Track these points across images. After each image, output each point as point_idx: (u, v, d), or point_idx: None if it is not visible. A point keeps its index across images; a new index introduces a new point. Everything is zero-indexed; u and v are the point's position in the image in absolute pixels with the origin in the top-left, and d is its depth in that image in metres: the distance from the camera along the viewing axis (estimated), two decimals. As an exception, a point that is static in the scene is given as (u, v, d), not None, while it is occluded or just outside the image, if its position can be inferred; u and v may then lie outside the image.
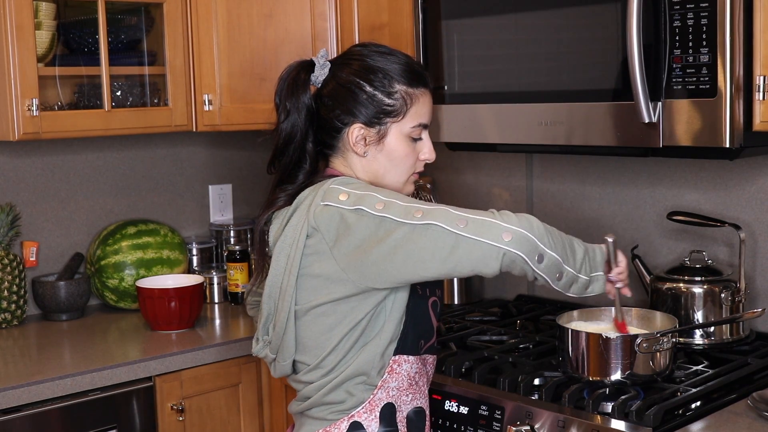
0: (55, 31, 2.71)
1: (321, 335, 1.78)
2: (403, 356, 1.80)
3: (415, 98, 1.80)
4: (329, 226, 1.70)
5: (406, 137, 1.81)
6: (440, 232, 1.62)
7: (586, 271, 1.75)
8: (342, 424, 1.79)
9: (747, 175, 2.38)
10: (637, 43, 1.97)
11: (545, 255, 1.65)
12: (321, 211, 1.71)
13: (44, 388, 2.29)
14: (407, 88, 1.80)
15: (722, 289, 2.26)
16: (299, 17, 2.75)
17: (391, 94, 1.79)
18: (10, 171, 2.91)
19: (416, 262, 1.64)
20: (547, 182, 2.79)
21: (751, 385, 2.05)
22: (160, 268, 2.95)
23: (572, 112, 2.17)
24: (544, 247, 1.65)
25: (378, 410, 1.79)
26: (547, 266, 1.67)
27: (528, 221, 1.65)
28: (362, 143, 1.80)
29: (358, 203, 1.68)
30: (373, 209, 1.67)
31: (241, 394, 2.64)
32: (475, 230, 1.62)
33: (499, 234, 1.62)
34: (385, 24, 2.62)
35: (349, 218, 1.68)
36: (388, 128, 1.80)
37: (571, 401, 1.96)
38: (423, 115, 1.82)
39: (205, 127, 2.88)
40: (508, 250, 1.62)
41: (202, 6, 2.81)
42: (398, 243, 1.64)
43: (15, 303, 2.79)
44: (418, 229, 1.63)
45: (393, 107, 1.79)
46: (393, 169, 1.82)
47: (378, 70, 1.79)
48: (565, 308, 2.39)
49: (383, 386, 1.79)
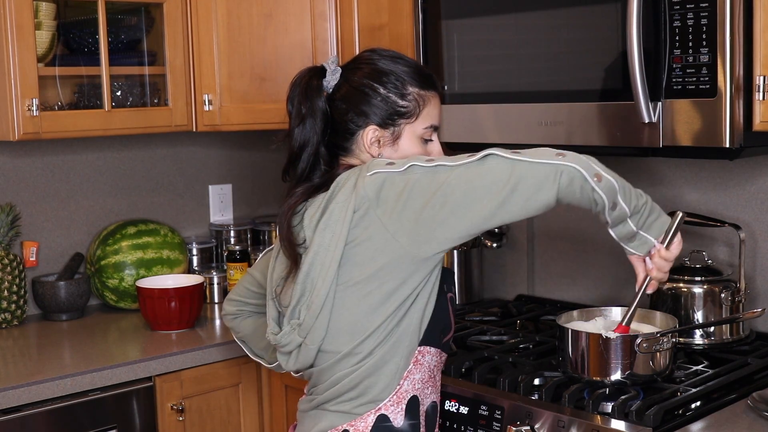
0: (55, 31, 2.71)
1: (363, 317, 1.73)
2: (427, 347, 1.79)
3: (427, 100, 1.83)
4: (379, 191, 1.69)
5: (419, 139, 1.83)
6: (497, 161, 1.64)
7: (638, 222, 1.72)
8: (368, 418, 1.76)
9: (747, 175, 2.38)
10: (637, 43, 1.97)
11: (602, 177, 1.65)
12: (370, 179, 1.70)
13: (44, 388, 2.29)
14: (419, 90, 1.82)
15: (722, 289, 2.26)
16: (299, 17, 2.75)
17: (404, 95, 1.81)
18: (10, 171, 2.91)
19: (472, 200, 1.63)
20: (547, 182, 2.79)
21: (751, 385, 2.05)
22: (160, 268, 2.95)
23: (572, 112, 2.17)
24: (599, 169, 1.66)
25: (404, 402, 1.77)
26: (605, 187, 1.65)
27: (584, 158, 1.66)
28: (377, 145, 1.81)
29: (405, 163, 1.69)
30: (424, 162, 1.68)
31: (241, 394, 2.64)
32: (531, 154, 1.64)
33: (553, 155, 1.64)
34: (385, 24, 2.62)
35: (400, 180, 1.68)
36: (402, 129, 1.81)
37: (571, 401, 1.96)
38: (434, 117, 1.84)
39: (205, 127, 2.88)
40: (565, 165, 1.63)
41: (202, 6, 2.81)
42: (456, 182, 1.64)
43: (15, 303, 2.79)
44: (474, 164, 1.65)
45: (406, 108, 1.81)
46: None
47: (390, 73, 1.81)
48: (565, 308, 2.39)
49: (409, 377, 1.77)
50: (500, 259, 2.95)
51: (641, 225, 1.73)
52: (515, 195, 1.63)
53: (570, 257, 2.75)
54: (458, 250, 2.81)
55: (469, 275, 2.89)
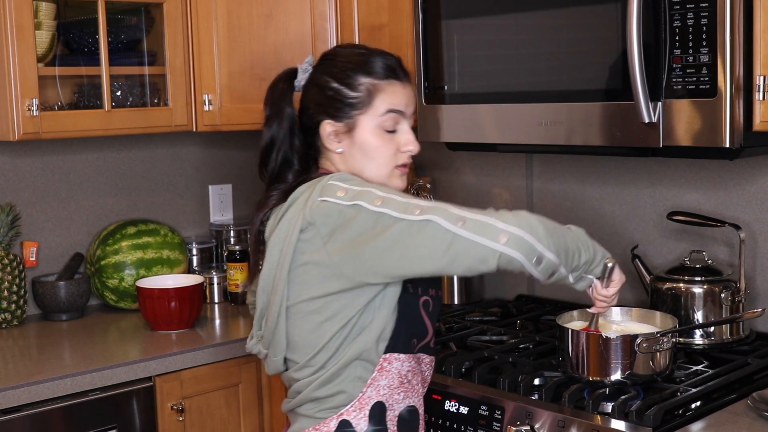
0: (55, 31, 2.71)
1: (311, 333, 1.78)
2: (394, 354, 1.80)
3: (380, 89, 1.82)
4: (326, 220, 1.71)
5: (378, 128, 1.82)
6: (438, 229, 1.63)
7: (578, 275, 1.77)
8: (331, 423, 1.80)
9: (747, 175, 2.38)
10: (637, 43, 1.97)
11: (543, 258, 1.66)
12: (318, 206, 1.72)
13: (44, 388, 2.29)
14: (372, 80, 1.82)
15: (722, 289, 2.26)
16: (299, 17, 2.75)
17: (354, 87, 1.82)
18: (10, 171, 2.91)
19: (413, 258, 1.65)
20: (547, 182, 2.79)
21: (751, 385, 2.05)
22: (160, 268, 2.95)
23: (572, 112, 2.17)
24: (542, 250, 1.65)
25: (368, 409, 1.79)
26: (544, 268, 1.68)
27: (528, 223, 1.65)
28: (334, 138, 1.84)
29: (355, 198, 1.69)
30: (371, 204, 1.68)
31: (241, 394, 2.64)
32: (473, 229, 1.63)
33: (496, 235, 1.62)
34: (385, 24, 2.62)
35: (347, 213, 1.69)
36: (356, 121, 1.82)
37: (571, 401, 1.96)
38: (392, 104, 1.83)
39: (205, 127, 2.88)
40: (504, 251, 1.62)
41: (202, 6, 2.81)
42: (395, 238, 1.65)
43: (15, 303, 2.79)
44: (416, 225, 1.64)
45: (357, 99, 1.81)
46: (369, 163, 1.83)
47: (344, 67, 1.83)
48: (565, 308, 2.39)
49: (373, 384, 1.79)
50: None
51: (579, 276, 1.79)
52: (454, 265, 1.65)
53: (570, 257, 2.75)
54: (458, 250, 2.81)
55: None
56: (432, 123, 2.46)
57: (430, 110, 2.46)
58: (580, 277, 1.78)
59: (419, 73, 2.47)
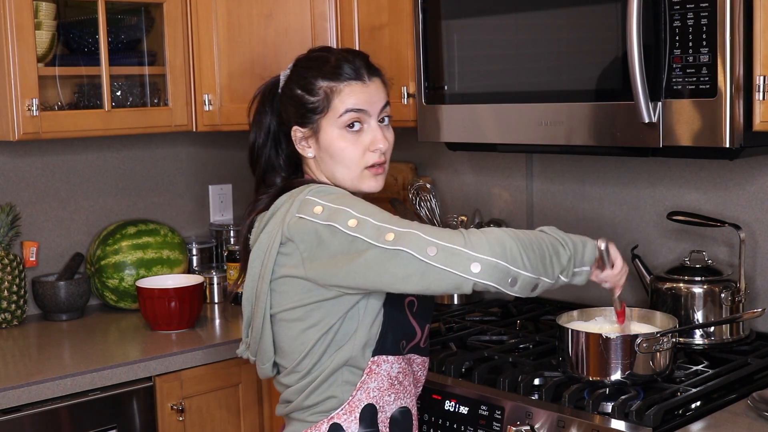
0: (55, 31, 2.71)
1: (295, 339, 1.80)
2: (383, 356, 1.80)
3: (337, 91, 1.81)
4: (303, 238, 1.72)
5: (341, 130, 1.82)
6: (410, 259, 1.63)
7: (568, 273, 1.75)
8: (322, 426, 1.80)
9: (747, 175, 2.38)
10: (637, 43, 1.97)
11: (519, 277, 1.65)
12: (295, 223, 1.72)
13: (44, 388, 2.29)
14: (329, 83, 1.82)
15: (722, 289, 2.26)
16: (299, 17, 2.75)
17: (313, 92, 1.82)
18: (10, 171, 2.91)
19: (388, 282, 1.66)
20: (547, 182, 2.79)
21: (751, 385, 2.05)
22: (160, 268, 2.95)
23: (572, 112, 2.17)
24: (517, 270, 1.64)
25: (358, 411, 1.80)
26: (521, 286, 1.67)
27: (500, 244, 1.64)
28: (303, 144, 1.85)
29: (331, 219, 1.69)
30: (346, 227, 1.68)
31: (241, 394, 2.64)
32: (444, 260, 1.62)
33: (468, 266, 1.62)
34: (385, 24, 2.62)
35: (322, 233, 1.70)
36: (318, 125, 1.83)
37: (571, 401, 1.96)
38: (350, 103, 1.81)
39: (205, 127, 2.88)
40: (477, 281, 1.62)
41: (202, 6, 2.81)
42: (369, 264, 1.66)
43: (15, 303, 2.79)
44: (389, 253, 1.64)
45: (316, 104, 1.82)
46: (338, 165, 1.83)
47: (305, 73, 1.84)
48: (565, 308, 2.39)
49: (362, 387, 1.80)
50: (500, 259, 2.94)
51: (574, 267, 1.76)
52: (429, 291, 1.66)
53: (570, 257, 2.75)
54: (458, 250, 2.81)
55: (469, 275, 2.89)
56: (432, 123, 2.46)
57: (430, 110, 2.46)
58: (572, 274, 1.76)
59: (419, 73, 2.47)
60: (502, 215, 2.90)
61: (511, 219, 2.87)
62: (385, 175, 1.87)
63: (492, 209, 2.92)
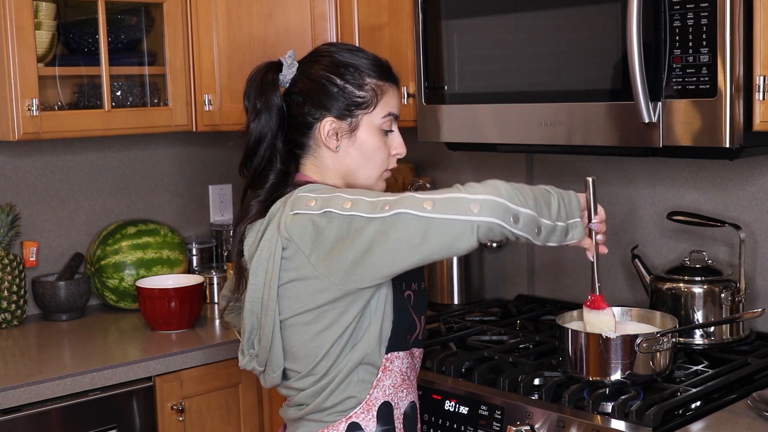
0: (55, 31, 2.71)
1: (309, 343, 1.77)
2: (395, 353, 1.80)
3: (384, 90, 1.83)
4: (302, 234, 1.69)
5: (378, 130, 1.82)
6: (410, 218, 1.61)
7: (563, 218, 1.71)
8: (340, 426, 1.79)
9: (747, 175, 2.38)
10: (637, 43, 1.97)
11: (520, 214, 1.63)
12: (291, 220, 1.71)
13: (44, 388, 2.29)
14: (377, 80, 1.82)
15: (722, 289, 2.26)
16: (299, 17, 2.75)
17: (362, 86, 1.81)
18: (10, 171, 2.91)
19: (393, 254, 1.63)
20: (547, 182, 2.78)
21: (751, 385, 2.05)
22: (160, 268, 2.95)
23: (572, 112, 2.17)
24: (516, 207, 1.62)
25: (375, 410, 1.79)
26: (524, 224, 1.64)
27: (494, 186, 1.63)
28: (334, 137, 1.82)
29: (325, 206, 1.68)
30: (341, 209, 1.66)
31: (241, 394, 2.64)
32: (443, 209, 1.60)
33: (467, 207, 1.60)
34: (385, 24, 2.62)
35: (320, 222, 1.68)
36: (359, 120, 1.81)
37: (571, 401, 1.96)
38: (392, 106, 1.84)
39: (205, 127, 2.88)
40: (480, 221, 1.60)
41: (202, 6, 2.81)
42: (371, 238, 1.63)
43: (15, 303, 2.79)
44: (388, 220, 1.62)
45: (364, 99, 1.81)
46: (365, 164, 1.83)
47: (348, 65, 1.82)
48: (565, 308, 2.39)
49: (378, 385, 1.79)
50: (500, 259, 2.95)
51: (567, 216, 1.72)
52: (434, 248, 1.62)
53: (570, 257, 2.75)
54: (458, 250, 2.81)
55: (469, 275, 2.89)
56: (432, 123, 2.46)
57: (430, 110, 2.46)
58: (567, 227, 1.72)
59: (419, 73, 2.47)
60: (502, 215, 2.89)
61: (511, 219, 2.87)
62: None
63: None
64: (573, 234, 1.74)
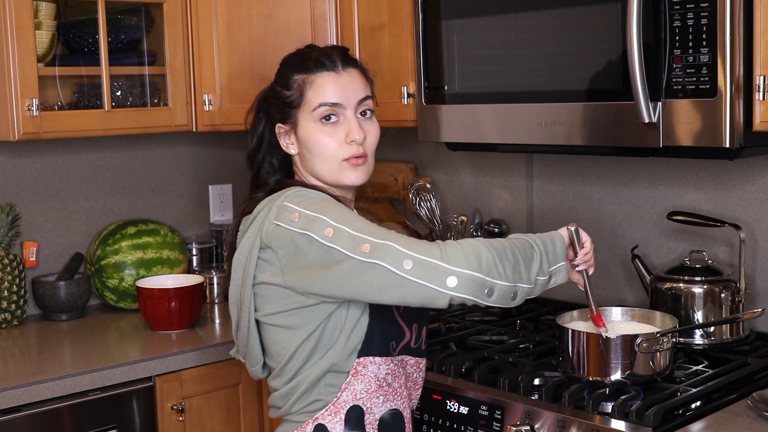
0: (55, 31, 2.71)
1: (277, 344, 1.80)
2: (369, 358, 1.78)
3: (310, 82, 1.81)
4: (280, 245, 1.71)
5: (317, 123, 1.80)
6: (386, 272, 1.62)
7: (545, 272, 1.73)
8: (307, 427, 1.79)
9: (747, 175, 2.38)
10: (637, 43, 1.97)
11: (495, 287, 1.64)
12: (273, 230, 1.72)
13: (44, 388, 2.29)
14: (303, 75, 1.82)
15: (722, 289, 2.26)
16: (299, 17, 2.75)
17: (288, 85, 1.83)
18: (10, 171, 2.91)
19: (364, 293, 1.65)
20: (547, 182, 2.79)
21: (751, 385, 2.05)
22: (160, 268, 2.95)
23: (572, 112, 2.17)
24: (493, 280, 1.63)
25: (343, 412, 1.78)
26: (498, 296, 1.65)
27: (476, 255, 1.62)
28: (287, 141, 1.85)
29: (307, 228, 1.68)
30: (322, 237, 1.66)
31: (241, 394, 2.64)
32: (420, 274, 1.61)
33: (444, 279, 1.60)
34: (385, 24, 2.62)
35: (299, 242, 1.69)
36: (296, 119, 1.83)
37: (571, 401, 1.96)
38: (323, 95, 1.80)
39: (205, 127, 2.88)
40: (453, 295, 1.61)
41: (202, 6, 2.81)
42: (345, 275, 1.64)
43: (15, 303, 2.79)
44: (365, 265, 1.63)
45: (292, 97, 1.82)
46: (317, 159, 1.81)
47: (282, 69, 1.87)
48: (565, 308, 2.39)
49: (347, 388, 1.78)
50: (500, 259, 2.94)
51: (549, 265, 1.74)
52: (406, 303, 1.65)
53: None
54: (458, 250, 2.81)
55: (469, 275, 2.89)
56: (432, 123, 2.46)
57: (430, 110, 2.46)
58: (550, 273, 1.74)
59: (419, 73, 2.47)
60: (502, 215, 2.90)
61: (511, 219, 2.87)
62: (367, 167, 1.83)
63: (492, 209, 2.92)
64: (556, 279, 1.77)
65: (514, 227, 2.86)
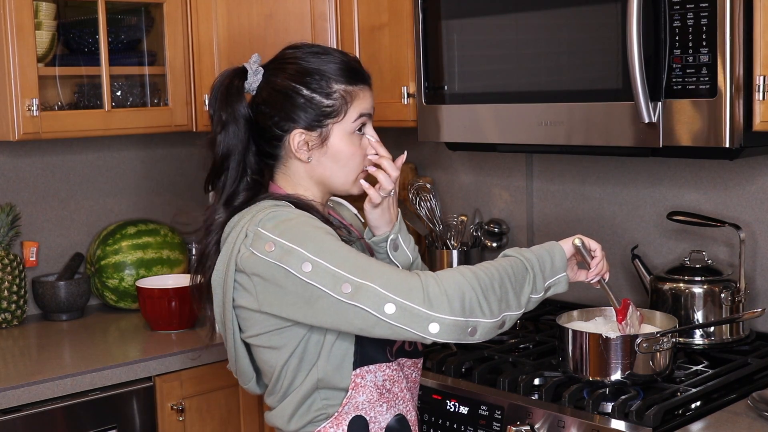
0: (55, 31, 2.71)
1: (265, 363, 1.76)
2: (365, 367, 1.73)
3: (354, 95, 1.74)
4: (255, 272, 1.65)
5: (350, 135, 1.75)
6: (367, 315, 1.59)
7: (539, 289, 1.70)
8: None
9: (747, 175, 2.38)
10: (637, 43, 1.97)
11: (479, 326, 1.61)
12: (248, 257, 1.65)
13: (44, 388, 2.29)
14: (345, 86, 1.73)
15: (722, 289, 2.26)
16: (299, 18, 2.75)
17: (329, 94, 1.72)
18: (10, 171, 2.91)
19: (346, 329, 1.63)
20: (547, 182, 2.79)
21: (751, 385, 2.05)
22: (160, 268, 2.95)
23: (572, 112, 2.17)
24: (476, 320, 1.61)
25: (345, 424, 1.74)
26: (482, 333, 1.63)
27: (460, 297, 1.59)
28: (305, 148, 1.74)
29: (283, 261, 1.61)
30: (299, 272, 1.60)
31: (241, 394, 2.64)
32: (402, 320, 1.58)
33: (426, 326, 1.58)
34: (385, 24, 2.62)
35: (276, 273, 1.63)
36: (330, 130, 1.73)
37: (571, 401, 1.96)
38: (364, 108, 1.76)
39: (205, 127, 2.88)
40: (435, 339, 1.60)
41: (202, 6, 2.81)
42: (326, 311, 1.61)
43: (15, 303, 2.79)
44: (345, 306, 1.59)
45: (332, 107, 1.72)
46: (339, 171, 1.76)
47: (314, 72, 1.73)
48: (565, 308, 2.39)
49: (349, 402, 1.73)
50: (500, 259, 2.94)
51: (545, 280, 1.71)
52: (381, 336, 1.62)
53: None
54: (458, 250, 2.81)
55: (469, 275, 2.89)
56: (432, 123, 2.46)
57: (430, 110, 2.46)
58: (546, 288, 1.71)
59: (419, 73, 2.47)
60: (502, 215, 2.90)
61: (511, 219, 2.87)
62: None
63: (492, 209, 2.92)
64: (555, 289, 1.74)
65: (514, 227, 2.86)
